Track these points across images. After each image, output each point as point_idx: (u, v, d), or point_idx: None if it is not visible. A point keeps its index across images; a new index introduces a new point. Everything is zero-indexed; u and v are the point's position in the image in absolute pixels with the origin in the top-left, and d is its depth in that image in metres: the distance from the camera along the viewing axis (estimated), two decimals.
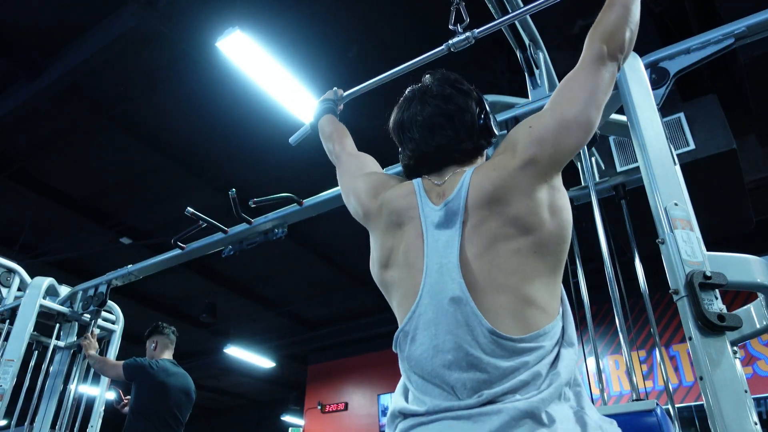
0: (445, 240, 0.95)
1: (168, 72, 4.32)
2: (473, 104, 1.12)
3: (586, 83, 1.04)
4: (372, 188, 1.14)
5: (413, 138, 1.11)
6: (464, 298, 0.88)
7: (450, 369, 0.86)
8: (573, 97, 1.03)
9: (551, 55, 2.31)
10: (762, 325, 1.46)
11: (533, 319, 0.88)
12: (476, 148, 1.10)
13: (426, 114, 1.10)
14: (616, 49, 1.08)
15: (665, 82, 1.78)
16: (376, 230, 1.08)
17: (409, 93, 1.17)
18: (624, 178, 2.33)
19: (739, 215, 4.16)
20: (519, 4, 1.98)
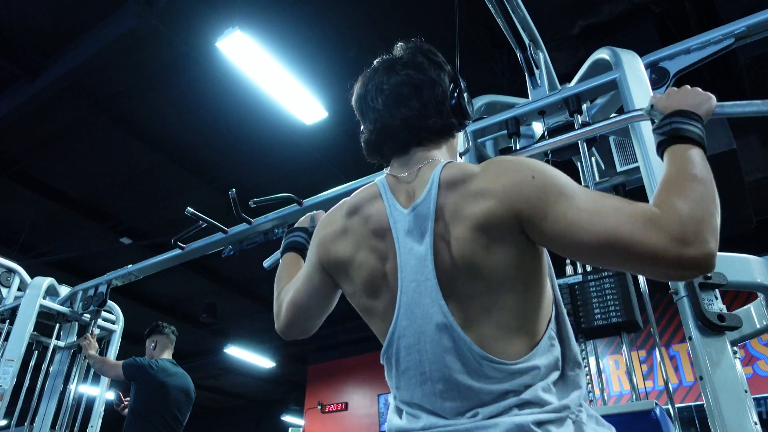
0: (419, 253, 0.83)
1: (168, 72, 4.33)
2: (446, 78, 0.98)
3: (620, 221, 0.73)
4: (322, 242, 0.98)
5: (376, 108, 0.96)
6: (449, 324, 0.80)
7: (442, 398, 0.81)
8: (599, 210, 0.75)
9: (551, 55, 2.30)
10: (762, 325, 1.46)
11: (525, 340, 0.81)
12: (444, 127, 0.96)
13: (393, 83, 0.95)
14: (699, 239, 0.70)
15: (665, 82, 1.78)
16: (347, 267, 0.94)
17: (376, 63, 1.03)
18: (624, 178, 2.33)
19: (739, 215, 4.16)
20: (520, 6, 1.98)
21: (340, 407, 9.01)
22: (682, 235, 0.69)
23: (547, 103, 2.07)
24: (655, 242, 0.69)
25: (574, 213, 0.75)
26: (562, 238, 0.76)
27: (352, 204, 0.96)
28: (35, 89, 4.21)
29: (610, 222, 0.72)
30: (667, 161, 0.83)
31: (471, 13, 3.30)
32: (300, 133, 4.71)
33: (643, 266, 0.74)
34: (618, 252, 0.72)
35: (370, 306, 0.92)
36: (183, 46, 3.94)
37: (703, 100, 0.98)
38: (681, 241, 0.68)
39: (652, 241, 0.69)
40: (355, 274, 0.92)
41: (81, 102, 4.60)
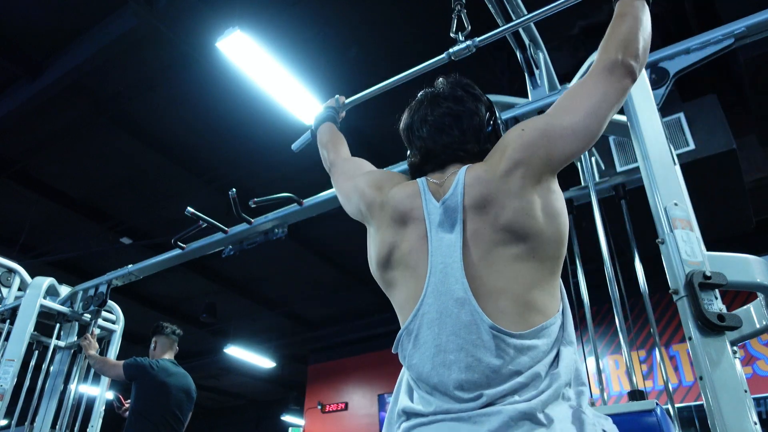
0: (448, 241, 0.95)
1: (168, 72, 4.33)
2: (483, 108, 1.12)
3: (593, 93, 1.02)
4: (375, 183, 1.13)
5: (421, 137, 1.11)
6: (467, 299, 0.89)
7: (450, 369, 0.87)
8: (573, 106, 1.02)
9: (551, 55, 2.31)
10: (762, 325, 1.46)
11: (533, 320, 0.89)
12: (481, 151, 1.09)
13: (436, 114, 1.10)
14: (630, 58, 1.04)
15: (665, 82, 1.78)
16: (379, 225, 1.07)
17: (421, 95, 1.18)
18: (624, 178, 2.33)
19: (739, 215, 4.16)
20: (520, 6, 1.99)
21: (340, 407, 9.00)
22: (626, 67, 1.03)
23: (547, 103, 2.07)
24: (619, 80, 1.02)
25: (557, 107, 1.04)
26: (564, 129, 0.98)
27: (406, 187, 1.08)
28: (35, 89, 4.21)
29: (585, 86, 1.04)
30: (616, 10, 1.14)
31: (471, 13, 3.29)
32: (300, 133, 4.68)
33: (623, 94, 1.03)
34: (603, 102, 1.00)
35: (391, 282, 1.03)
36: (183, 46, 3.94)
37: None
38: (627, 67, 1.03)
39: (621, 83, 1.02)
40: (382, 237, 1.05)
41: (81, 102, 4.60)
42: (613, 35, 1.09)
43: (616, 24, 1.11)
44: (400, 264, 1.01)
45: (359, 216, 1.18)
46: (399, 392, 0.98)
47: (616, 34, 1.09)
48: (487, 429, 0.79)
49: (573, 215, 2.36)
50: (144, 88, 4.47)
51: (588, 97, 1.02)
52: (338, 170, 1.34)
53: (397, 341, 0.98)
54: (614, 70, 1.03)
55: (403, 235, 1.02)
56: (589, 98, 1.02)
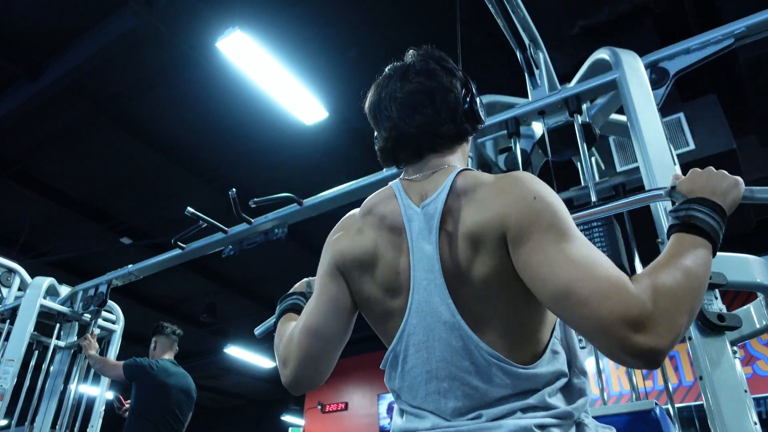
0: (428, 252, 0.84)
1: (168, 72, 4.33)
2: (458, 84, 0.98)
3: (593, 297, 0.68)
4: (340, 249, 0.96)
5: (390, 116, 0.96)
6: (456, 323, 0.81)
7: (446, 398, 0.82)
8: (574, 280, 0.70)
9: (551, 55, 2.31)
10: (762, 325, 1.46)
11: (531, 345, 0.82)
12: (459, 133, 0.97)
13: (406, 91, 0.96)
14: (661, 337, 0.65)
15: (665, 82, 1.79)
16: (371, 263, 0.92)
17: (389, 70, 1.03)
18: (624, 178, 2.33)
19: (739, 215, 4.15)
20: (520, 6, 1.99)
21: (340, 407, 9.01)
22: (637, 319, 0.64)
23: (547, 103, 2.07)
24: (606, 313, 0.65)
25: (554, 251, 0.73)
26: (531, 269, 0.74)
27: (367, 205, 0.97)
28: (35, 89, 4.21)
29: (578, 273, 0.69)
30: (668, 245, 0.79)
31: (471, 13, 3.30)
32: (300, 133, 4.71)
33: (589, 333, 0.67)
34: (569, 307, 0.69)
35: (388, 307, 0.90)
36: (183, 46, 3.94)
37: (730, 187, 0.88)
38: (633, 324, 0.64)
39: (603, 311, 0.65)
40: (375, 270, 0.91)
41: (81, 102, 4.60)
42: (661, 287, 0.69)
43: (665, 270, 0.72)
44: (387, 280, 0.90)
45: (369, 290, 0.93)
46: (394, 416, 0.94)
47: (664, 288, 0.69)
48: None
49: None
50: (144, 88, 4.47)
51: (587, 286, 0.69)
52: (300, 321, 1.01)
53: (385, 361, 0.92)
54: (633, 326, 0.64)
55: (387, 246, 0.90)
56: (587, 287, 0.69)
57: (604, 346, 0.67)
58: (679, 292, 0.68)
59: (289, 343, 1.00)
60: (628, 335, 0.64)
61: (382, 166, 1.04)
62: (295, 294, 1.28)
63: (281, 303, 1.26)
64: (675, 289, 0.68)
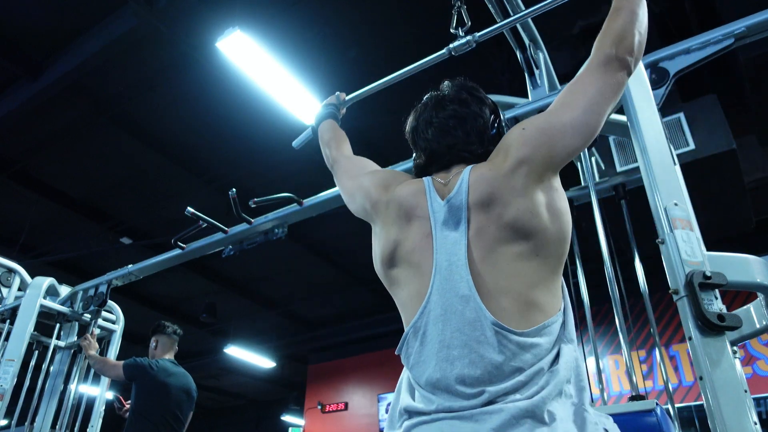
0: (453, 239, 0.96)
1: (168, 72, 4.33)
2: (487, 111, 1.14)
3: (589, 87, 1.04)
4: (380, 182, 1.15)
5: (426, 138, 1.13)
6: (472, 296, 0.90)
7: (453, 364, 0.88)
8: (572, 102, 1.03)
9: (551, 55, 2.31)
10: (762, 325, 1.46)
11: (535, 319, 0.90)
12: (485, 153, 1.09)
13: (441, 117, 1.12)
14: (625, 52, 1.06)
15: (665, 82, 1.78)
16: (384, 223, 1.08)
17: (426, 98, 1.19)
18: (624, 178, 2.33)
19: (739, 215, 4.16)
20: (520, 5, 1.99)
21: (340, 407, 9.01)
22: (621, 61, 1.06)
23: (547, 103, 2.07)
24: (614, 74, 1.05)
25: (556, 104, 1.05)
26: (564, 125, 1.00)
27: (410, 185, 1.09)
28: (35, 89, 4.21)
29: (581, 83, 1.06)
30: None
31: (471, 13, 3.29)
32: (300, 133, 4.70)
33: (619, 88, 1.05)
34: (600, 97, 1.02)
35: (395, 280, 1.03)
36: (183, 46, 3.94)
37: None
38: (622, 62, 1.06)
39: (615, 77, 1.05)
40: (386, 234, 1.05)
41: (81, 102, 4.60)
42: (609, 30, 1.11)
43: (611, 18, 1.13)
44: (404, 261, 1.01)
45: (363, 214, 1.18)
46: (400, 391, 0.98)
47: (611, 29, 1.10)
48: (489, 427, 0.80)
49: (573, 215, 2.36)
50: (144, 88, 4.47)
51: (585, 93, 1.04)
52: (341, 168, 1.35)
53: (403, 340, 0.98)
54: (609, 64, 1.05)
55: (407, 232, 1.02)
56: (585, 94, 1.03)
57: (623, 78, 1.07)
58: (628, 31, 1.09)
59: (334, 154, 1.44)
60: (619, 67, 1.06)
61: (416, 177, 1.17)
62: (328, 105, 1.65)
63: (318, 114, 1.63)
64: (626, 31, 1.09)
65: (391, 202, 1.07)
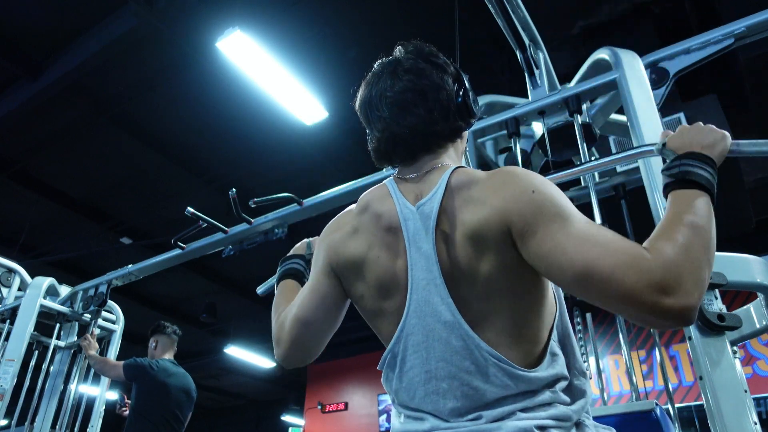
0: (426, 252, 0.84)
1: (168, 72, 4.33)
2: (450, 80, 0.96)
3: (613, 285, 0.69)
4: (329, 249, 0.97)
5: (382, 116, 0.95)
6: (456, 322, 0.80)
7: (445, 398, 0.81)
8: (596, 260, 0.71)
9: (551, 55, 2.31)
10: (762, 325, 1.46)
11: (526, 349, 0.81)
12: (452, 131, 0.97)
13: (397, 89, 0.94)
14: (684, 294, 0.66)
15: (665, 82, 1.79)
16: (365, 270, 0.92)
17: (378, 67, 1.02)
18: (624, 178, 2.33)
19: (739, 215, 4.16)
20: (520, 5, 1.99)
21: (340, 407, 9.00)
22: (663, 282, 0.65)
23: (547, 103, 2.07)
24: (633, 284, 0.66)
25: (563, 236, 0.74)
26: (545, 259, 0.75)
27: (363, 203, 0.96)
28: (35, 89, 4.21)
29: (594, 252, 0.70)
30: (669, 204, 0.80)
31: (471, 13, 3.30)
32: (300, 133, 4.71)
33: (618, 306, 0.70)
34: (594, 286, 0.70)
35: (380, 307, 0.90)
36: (183, 46, 3.94)
37: (717, 140, 0.89)
38: (660, 288, 0.65)
39: (630, 282, 0.66)
40: (368, 272, 0.91)
41: (81, 102, 4.60)
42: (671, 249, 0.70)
43: (674, 228, 0.73)
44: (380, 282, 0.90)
45: (360, 300, 0.96)
46: (392, 417, 0.94)
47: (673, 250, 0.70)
48: None
49: None
50: (144, 88, 4.47)
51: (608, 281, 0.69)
52: (293, 308, 1.02)
53: (382, 362, 0.91)
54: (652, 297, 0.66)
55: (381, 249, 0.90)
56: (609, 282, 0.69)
57: (636, 315, 0.68)
58: (693, 247, 0.70)
59: (281, 327, 1.02)
60: (658, 300, 0.65)
61: (376, 165, 1.03)
62: (294, 257, 1.31)
63: (281, 265, 1.29)
64: (689, 245, 0.70)
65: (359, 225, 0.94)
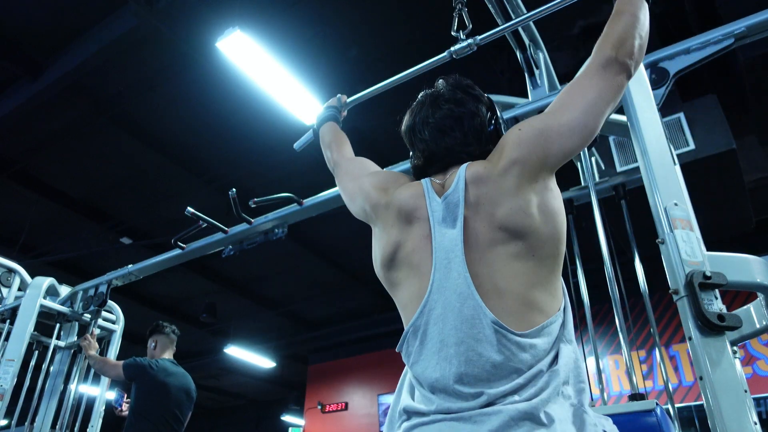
0: (450, 236, 0.96)
1: (168, 72, 4.33)
2: (484, 109, 1.13)
3: (589, 89, 1.04)
4: (380, 185, 1.15)
5: (424, 139, 1.12)
6: (470, 293, 0.90)
7: (450, 363, 0.88)
8: (570, 103, 1.03)
9: (551, 55, 2.31)
10: (762, 325, 1.46)
11: (534, 319, 0.90)
12: (483, 152, 1.09)
13: (437, 117, 1.11)
14: (626, 55, 1.06)
15: (665, 82, 1.78)
16: (384, 225, 1.08)
17: (421, 97, 1.19)
18: (624, 178, 2.33)
19: (739, 215, 4.16)
20: (520, 6, 1.99)
21: (340, 407, 9.01)
22: (621, 64, 1.05)
23: (547, 103, 2.07)
24: (614, 76, 1.04)
25: (554, 105, 1.05)
26: (561, 126, 1.00)
27: (410, 188, 1.09)
28: (35, 89, 4.21)
29: (580, 84, 1.05)
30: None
31: (471, 13, 3.29)
32: (300, 133, 4.68)
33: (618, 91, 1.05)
34: (599, 99, 1.02)
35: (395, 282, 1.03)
36: (183, 46, 3.94)
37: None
38: (622, 65, 1.05)
39: (615, 80, 1.04)
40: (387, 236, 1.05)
41: (81, 102, 4.60)
42: (610, 32, 1.11)
43: (613, 21, 1.13)
44: (404, 263, 1.01)
45: (363, 216, 1.18)
46: (401, 391, 0.99)
47: (612, 32, 1.11)
48: (487, 429, 0.80)
49: (573, 215, 2.36)
50: (144, 88, 4.47)
51: (584, 95, 1.03)
52: (342, 170, 1.35)
53: (403, 339, 0.98)
54: (609, 67, 1.05)
55: (407, 234, 1.02)
56: (584, 96, 1.03)
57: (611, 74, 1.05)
58: (629, 34, 1.09)
59: (335, 156, 1.43)
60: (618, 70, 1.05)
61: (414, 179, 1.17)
62: (329, 107, 1.64)
63: (318, 116, 1.62)
64: (627, 34, 1.09)
65: (390, 204, 1.07)
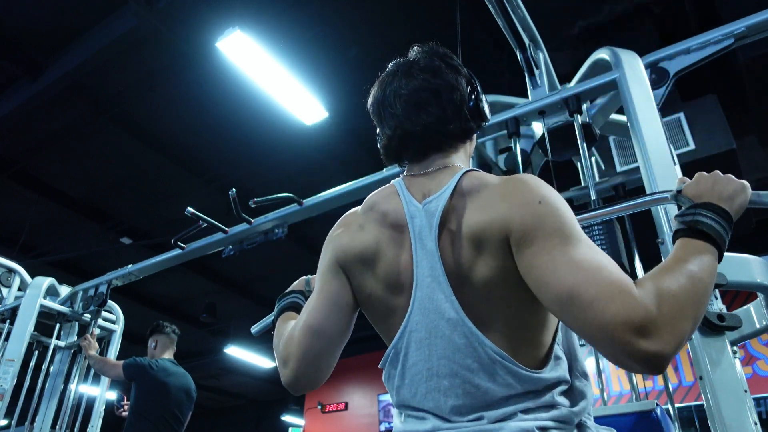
0: (430, 249, 0.84)
1: (168, 72, 4.33)
2: (463, 82, 0.97)
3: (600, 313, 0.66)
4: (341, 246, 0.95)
5: (395, 114, 0.95)
6: (460, 320, 0.80)
7: (446, 396, 0.80)
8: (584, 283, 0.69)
9: (551, 55, 2.31)
10: (762, 325, 1.46)
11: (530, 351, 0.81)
12: (464, 131, 0.97)
13: (411, 88, 0.94)
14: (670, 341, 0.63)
15: (665, 82, 1.78)
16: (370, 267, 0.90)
17: (392, 67, 1.01)
18: (624, 178, 2.33)
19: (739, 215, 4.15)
20: (520, 5, 1.99)
21: (340, 407, 9.01)
22: (642, 324, 0.62)
23: (547, 103, 2.07)
24: (610, 317, 0.63)
25: (558, 253, 0.72)
26: (535, 271, 0.74)
27: (369, 202, 0.96)
28: (35, 89, 4.21)
29: (582, 276, 0.68)
30: (674, 249, 0.78)
31: (471, 13, 3.30)
32: (300, 133, 4.71)
33: (592, 337, 0.66)
34: (573, 310, 0.67)
35: (389, 305, 0.88)
36: (183, 46, 3.94)
37: (737, 192, 0.86)
38: (638, 329, 0.62)
39: (608, 314, 0.63)
40: (377, 266, 0.89)
41: (81, 102, 4.60)
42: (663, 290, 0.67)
43: (669, 274, 0.70)
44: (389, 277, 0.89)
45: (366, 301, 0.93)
46: (394, 418, 0.93)
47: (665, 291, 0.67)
48: None
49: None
50: (144, 88, 4.47)
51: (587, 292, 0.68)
52: (301, 318, 0.97)
53: (385, 359, 0.90)
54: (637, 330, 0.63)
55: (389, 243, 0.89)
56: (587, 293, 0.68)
57: (608, 351, 0.65)
58: (683, 298, 0.67)
59: (289, 341, 0.96)
60: (632, 340, 0.62)
61: (385, 164, 1.03)
62: (294, 292, 1.25)
63: (279, 301, 1.23)
64: (680, 295, 0.67)
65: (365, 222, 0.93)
